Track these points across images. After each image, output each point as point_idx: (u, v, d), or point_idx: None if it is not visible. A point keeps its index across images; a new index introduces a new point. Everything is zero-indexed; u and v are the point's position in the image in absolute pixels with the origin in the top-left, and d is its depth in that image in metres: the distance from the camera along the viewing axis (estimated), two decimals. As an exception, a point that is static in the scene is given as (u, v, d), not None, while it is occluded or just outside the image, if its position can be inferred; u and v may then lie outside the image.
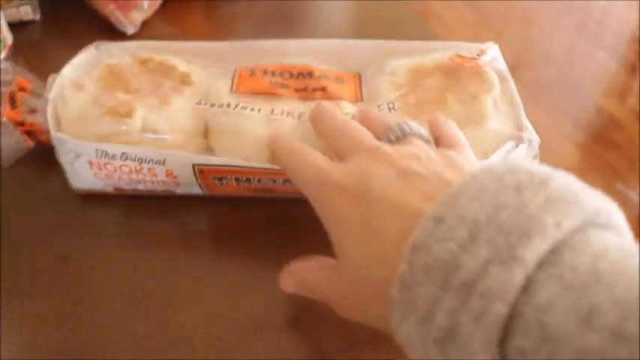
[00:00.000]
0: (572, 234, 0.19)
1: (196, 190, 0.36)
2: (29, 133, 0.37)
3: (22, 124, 0.36)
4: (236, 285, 0.34)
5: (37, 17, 0.53)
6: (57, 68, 0.37)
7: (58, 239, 0.36)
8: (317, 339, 0.31)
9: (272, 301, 0.33)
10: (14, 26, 0.51)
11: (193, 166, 0.34)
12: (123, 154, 0.34)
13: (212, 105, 0.35)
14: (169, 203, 0.38)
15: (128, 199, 0.38)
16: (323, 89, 0.36)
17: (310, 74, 0.37)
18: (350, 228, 0.25)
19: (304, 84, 0.37)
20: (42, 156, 0.38)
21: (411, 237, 0.20)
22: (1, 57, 0.48)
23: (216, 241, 0.36)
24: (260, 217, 0.37)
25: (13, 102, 0.36)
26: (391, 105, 0.35)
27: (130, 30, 0.51)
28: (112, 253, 0.35)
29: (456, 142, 0.29)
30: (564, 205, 0.19)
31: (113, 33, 0.51)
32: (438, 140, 0.30)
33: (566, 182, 0.20)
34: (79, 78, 0.37)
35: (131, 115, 0.34)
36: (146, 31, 0.52)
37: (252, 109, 0.35)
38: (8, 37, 0.49)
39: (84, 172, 0.36)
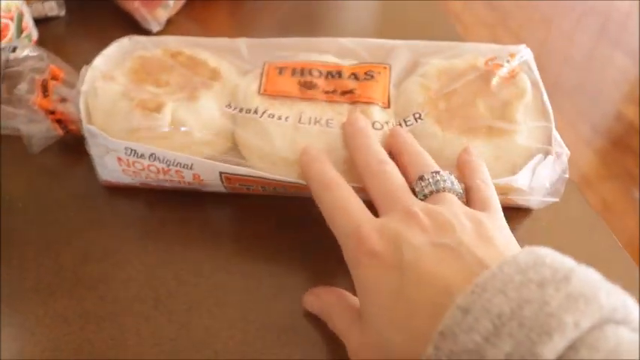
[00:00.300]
0: (589, 331, 0.20)
1: (221, 189, 0.36)
2: (59, 122, 0.37)
3: (52, 112, 0.36)
4: (260, 289, 0.33)
5: (62, 13, 0.53)
6: (81, 64, 0.37)
7: (82, 238, 0.36)
8: (342, 345, 0.31)
9: (297, 305, 0.32)
10: (39, 22, 0.51)
11: (220, 173, 0.34)
12: (152, 154, 0.34)
13: (240, 110, 0.35)
14: (193, 199, 0.37)
15: (152, 194, 0.38)
16: (352, 92, 0.36)
17: (339, 74, 0.37)
18: (380, 294, 0.25)
19: (333, 85, 0.36)
20: (71, 145, 0.38)
21: (440, 324, 0.21)
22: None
23: (240, 242, 0.36)
24: (285, 216, 0.37)
25: (45, 90, 0.36)
26: (417, 115, 0.35)
27: (155, 27, 0.51)
28: (135, 253, 0.35)
29: (487, 202, 0.30)
30: (584, 303, 0.20)
31: (138, 30, 0.50)
32: (470, 193, 0.30)
33: (587, 278, 0.21)
34: (110, 69, 0.37)
35: (160, 110, 0.34)
36: (170, 28, 0.52)
37: (280, 117, 0.34)
38: (34, 33, 0.49)
39: (112, 166, 0.36)
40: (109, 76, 0.36)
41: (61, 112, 0.36)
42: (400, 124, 0.35)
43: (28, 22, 0.48)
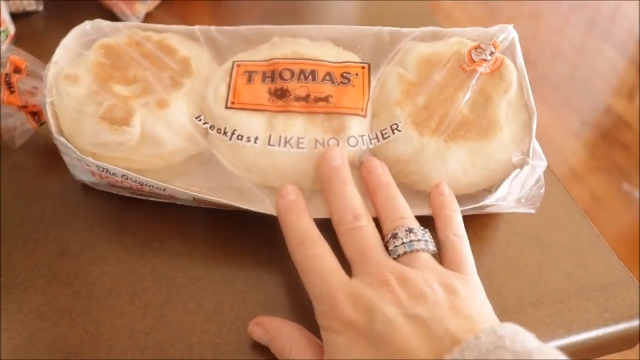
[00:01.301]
0: None
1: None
2: (34, 114, 0.36)
3: (24, 106, 0.36)
4: (236, 282, 0.33)
5: (40, 8, 0.53)
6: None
7: (57, 233, 0.35)
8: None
9: (272, 298, 0.32)
10: (17, 17, 0.51)
11: (194, 198, 0.34)
12: (124, 175, 0.33)
13: (211, 127, 0.34)
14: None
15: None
16: (326, 100, 0.34)
17: (313, 74, 0.35)
18: None
19: (306, 89, 0.34)
20: (46, 140, 0.37)
21: None
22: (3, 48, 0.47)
23: (217, 237, 0.36)
24: (260, 214, 0.36)
25: (10, 86, 0.35)
26: (394, 126, 0.33)
27: (134, 22, 0.51)
28: (110, 249, 0.35)
29: (461, 261, 0.30)
30: None
31: (116, 25, 0.50)
32: (443, 248, 0.30)
33: None
34: (73, 64, 0.36)
35: (129, 121, 0.33)
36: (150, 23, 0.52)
37: (249, 139, 0.33)
38: (11, 28, 0.49)
39: (86, 175, 0.35)
40: (72, 77, 0.34)
41: (33, 104, 0.35)
42: (377, 138, 0.34)
43: (5, 18, 0.47)
